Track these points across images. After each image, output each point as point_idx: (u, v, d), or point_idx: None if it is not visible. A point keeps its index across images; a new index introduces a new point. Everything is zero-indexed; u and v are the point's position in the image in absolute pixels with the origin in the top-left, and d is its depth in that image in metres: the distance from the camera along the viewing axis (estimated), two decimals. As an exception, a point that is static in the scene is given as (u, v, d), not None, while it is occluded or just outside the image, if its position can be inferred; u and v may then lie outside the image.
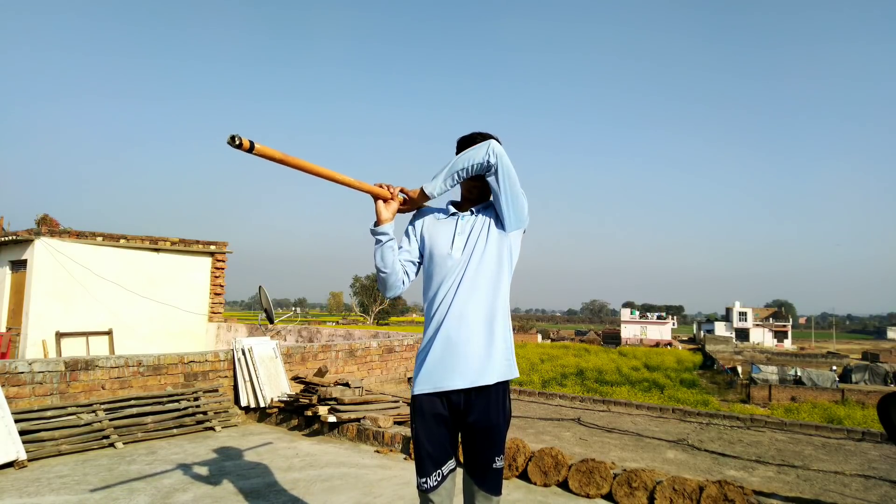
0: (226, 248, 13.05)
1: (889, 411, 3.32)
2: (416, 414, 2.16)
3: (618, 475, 3.76)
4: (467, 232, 2.21)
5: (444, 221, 2.28)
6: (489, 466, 2.14)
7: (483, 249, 2.17)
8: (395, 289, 2.23)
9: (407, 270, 2.25)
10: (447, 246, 2.20)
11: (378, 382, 7.73)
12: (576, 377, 32.41)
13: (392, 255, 2.19)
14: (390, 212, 2.20)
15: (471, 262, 2.15)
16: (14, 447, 4.21)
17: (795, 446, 4.90)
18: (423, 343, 2.20)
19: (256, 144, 1.75)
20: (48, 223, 14.10)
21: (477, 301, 2.13)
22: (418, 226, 2.31)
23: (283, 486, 3.88)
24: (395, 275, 2.20)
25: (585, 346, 50.76)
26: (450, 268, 2.16)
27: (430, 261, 2.23)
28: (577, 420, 5.72)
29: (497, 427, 2.13)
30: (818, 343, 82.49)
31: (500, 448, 2.16)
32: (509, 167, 2.12)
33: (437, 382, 2.11)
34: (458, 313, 2.11)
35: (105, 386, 5.26)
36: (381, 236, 2.18)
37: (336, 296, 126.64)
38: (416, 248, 2.28)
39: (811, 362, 46.98)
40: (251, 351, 6.13)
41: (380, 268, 2.19)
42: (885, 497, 3.63)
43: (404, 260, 2.25)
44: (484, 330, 2.12)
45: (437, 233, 2.25)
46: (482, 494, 2.14)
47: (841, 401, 28.53)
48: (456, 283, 2.14)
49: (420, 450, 2.14)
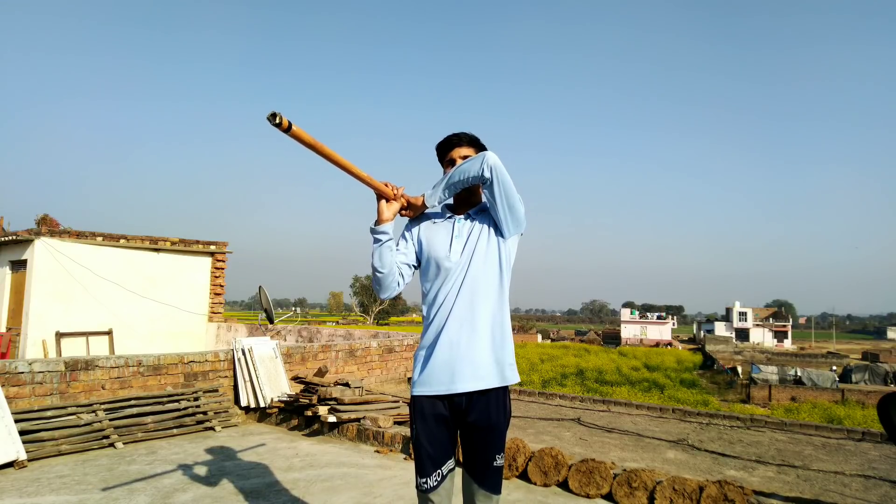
0: (226, 248, 13.06)
1: (889, 411, 3.32)
2: (417, 414, 2.17)
3: (618, 475, 3.75)
4: (465, 235, 2.22)
5: (441, 224, 2.28)
6: (490, 465, 2.14)
7: (483, 253, 2.18)
8: (390, 290, 2.22)
9: (402, 272, 2.24)
10: (445, 249, 2.20)
11: (378, 382, 7.73)
12: (576, 377, 32.39)
13: (390, 255, 2.19)
14: (391, 212, 2.19)
15: (470, 265, 2.16)
16: (14, 447, 4.21)
17: (795, 446, 4.90)
18: (422, 343, 2.20)
19: (294, 126, 1.77)
20: (48, 223, 14.09)
21: (478, 304, 2.14)
22: (415, 229, 2.31)
23: (283, 486, 3.88)
24: (391, 276, 2.19)
25: (585, 346, 50.74)
26: (449, 271, 2.17)
27: (428, 264, 2.23)
28: (577, 420, 5.72)
29: (498, 426, 2.14)
30: (818, 343, 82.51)
31: (501, 447, 2.17)
32: (505, 178, 2.10)
33: (442, 386, 2.11)
34: (460, 317, 2.12)
35: (105, 386, 5.26)
36: (380, 235, 2.17)
37: (336, 296, 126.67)
38: (412, 251, 2.28)
39: (811, 362, 46.99)
40: (251, 351, 6.13)
41: (377, 267, 2.18)
42: (886, 497, 3.63)
43: (400, 262, 2.24)
44: (486, 333, 2.13)
45: (434, 236, 2.25)
46: (482, 493, 2.15)
47: (841, 401, 28.53)
48: (456, 286, 2.15)
49: (420, 450, 2.14)
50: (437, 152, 2.35)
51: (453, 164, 2.27)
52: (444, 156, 2.33)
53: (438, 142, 2.33)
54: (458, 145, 2.28)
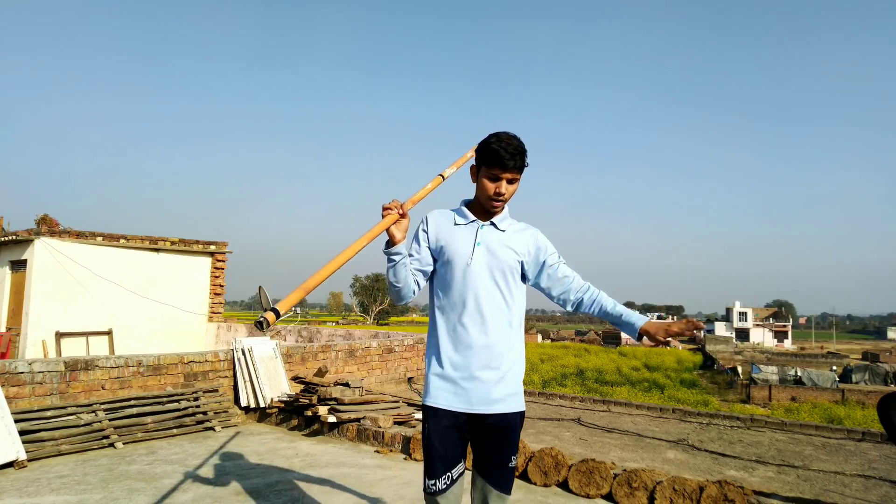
0: (226, 248, 13.05)
1: (889, 411, 3.31)
2: (430, 416, 2.12)
3: (618, 475, 3.75)
4: (491, 245, 2.15)
5: (463, 228, 2.18)
6: (505, 466, 2.13)
7: (508, 269, 2.14)
8: (406, 299, 2.18)
9: (418, 280, 2.19)
10: (467, 256, 2.13)
11: (378, 382, 7.72)
12: (576, 377, 32.38)
13: (405, 270, 2.12)
14: (402, 231, 2.08)
15: (493, 278, 2.12)
16: (14, 447, 4.20)
17: (795, 446, 4.89)
18: (436, 348, 2.15)
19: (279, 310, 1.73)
20: (48, 223, 14.08)
21: (498, 322, 2.12)
22: (432, 229, 2.21)
23: (283, 487, 3.88)
24: (407, 287, 2.15)
25: (585, 346, 50.74)
26: (469, 280, 2.11)
27: (446, 268, 2.16)
28: (578, 420, 5.72)
29: (514, 427, 2.12)
30: (818, 343, 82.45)
31: (516, 447, 2.16)
32: None
33: (458, 404, 2.09)
34: (481, 333, 2.09)
35: (105, 386, 5.25)
36: (395, 256, 2.10)
37: (336, 296, 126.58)
38: (427, 255, 2.20)
39: (811, 362, 46.97)
40: (251, 351, 6.13)
41: (393, 282, 2.13)
42: (886, 497, 3.63)
43: (415, 269, 2.18)
44: (504, 354, 2.11)
45: (454, 240, 2.16)
46: (496, 494, 2.12)
47: (841, 401, 28.52)
48: (476, 297, 2.11)
49: (432, 451, 2.10)
50: (482, 155, 2.12)
51: (496, 180, 2.10)
52: (489, 166, 2.11)
53: (488, 146, 2.10)
54: (509, 169, 2.08)
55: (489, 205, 2.15)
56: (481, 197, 2.17)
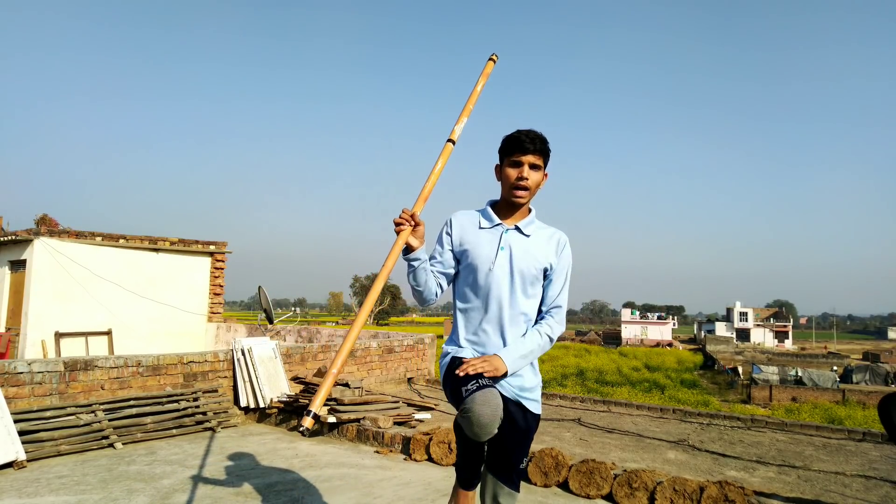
0: (225, 248, 13.05)
1: (890, 411, 3.31)
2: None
3: (618, 476, 3.75)
4: (514, 250, 2.14)
5: (488, 231, 2.17)
6: (517, 467, 2.23)
7: (530, 277, 2.14)
8: (429, 301, 2.19)
9: (440, 282, 2.19)
10: (490, 261, 2.12)
11: (378, 383, 7.72)
12: (576, 377, 32.42)
13: (425, 274, 2.12)
14: (418, 238, 2.08)
15: (515, 284, 2.13)
16: (13, 447, 4.20)
17: (796, 447, 4.89)
18: (456, 352, 2.17)
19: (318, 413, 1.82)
20: (47, 223, 14.07)
21: (519, 328, 2.15)
22: (456, 232, 2.20)
23: (283, 487, 3.87)
24: (428, 290, 2.15)
25: (586, 347, 50.75)
26: (491, 285, 2.12)
27: (468, 271, 2.17)
28: (578, 420, 5.71)
29: (530, 431, 2.22)
30: (819, 343, 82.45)
31: (528, 450, 2.26)
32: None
33: None
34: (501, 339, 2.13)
35: (104, 386, 5.25)
36: (414, 262, 2.10)
37: (336, 296, 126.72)
38: (449, 258, 2.19)
39: (812, 362, 46.99)
40: (251, 351, 6.12)
41: (413, 286, 2.15)
42: (886, 497, 3.62)
43: (437, 272, 2.18)
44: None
45: (478, 243, 2.16)
46: (507, 492, 2.23)
47: (842, 401, 28.55)
48: (498, 303, 2.12)
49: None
50: (503, 146, 2.16)
51: (517, 166, 2.11)
52: (509, 154, 2.13)
53: (508, 136, 2.14)
54: (530, 152, 2.10)
55: (513, 196, 2.13)
56: (505, 191, 2.16)
